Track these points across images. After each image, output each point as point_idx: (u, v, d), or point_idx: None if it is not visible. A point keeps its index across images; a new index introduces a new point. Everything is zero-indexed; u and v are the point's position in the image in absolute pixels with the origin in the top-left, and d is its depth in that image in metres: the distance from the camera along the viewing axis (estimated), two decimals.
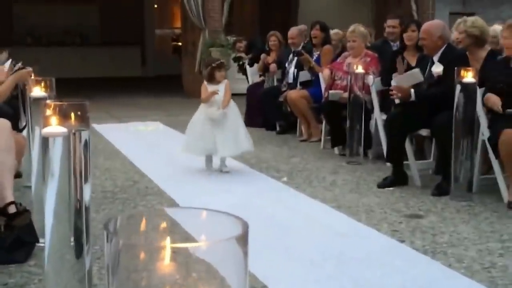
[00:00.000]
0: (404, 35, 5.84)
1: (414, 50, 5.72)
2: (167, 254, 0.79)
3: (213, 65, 5.35)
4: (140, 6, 18.02)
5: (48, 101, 2.51)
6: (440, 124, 4.71)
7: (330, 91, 6.31)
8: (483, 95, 4.62)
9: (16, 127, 4.44)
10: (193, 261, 0.78)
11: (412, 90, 4.91)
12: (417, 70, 5.00)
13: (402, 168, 5.05)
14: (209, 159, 5.40)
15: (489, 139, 4.52)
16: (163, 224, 0.89)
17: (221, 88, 5.31)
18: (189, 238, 0.85)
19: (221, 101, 5.26)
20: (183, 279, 0.79)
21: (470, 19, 5.26)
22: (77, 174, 2.41)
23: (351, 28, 6.45)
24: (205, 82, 5.39)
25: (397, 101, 5.09)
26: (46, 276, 2.54)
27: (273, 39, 8.43)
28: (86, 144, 2.43)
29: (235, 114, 5.36)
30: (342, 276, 3.15)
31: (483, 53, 5.03)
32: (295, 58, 7.57)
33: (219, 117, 5.22)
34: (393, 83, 5.25)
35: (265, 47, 8.69)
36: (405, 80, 5.01)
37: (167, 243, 0.84)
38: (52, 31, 17.06)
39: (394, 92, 4.98)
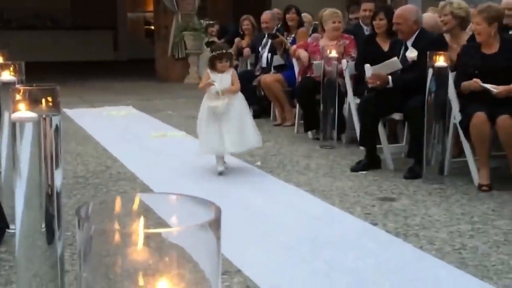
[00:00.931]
0: (374, 23, 5.86)
1: (385, 36, 5.74)
2: (139, 239, 0.78)
3: (214, 54, 4.82)
4: None
5: (17, 86, 2.47)
6: (413, 108, 4.76)
7: (315, 62, 6.26)
8: (455, 79, 4.67)
9: None
10: (166, 246, 0.78)
11: (390, 77, 4.94)
12: (395, 58, 5.00)
13: (375, 152, 5.10)
14: (220, 159, 4.86)
15: (460, 122, 4.58)
16: (136, 209, 0.88)
17: (226, 78, 4.79)
18: (161, 223, 0.85)
19: (222, 92, 4.74)
20: (156, 264, 0.79)
21: (456, 1, 5.27)
22: (47, 159, 2.38)
23: (332, 10, 6.45)
24: (208, 70, 4.90)
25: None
26: (17, 262, 2.51)
27: (246, 23, 8.41)
28: (57, 129, 2.39)
29: (241, 106, 4.87)
30: (316, 259, 3.17)
31: (465, 36, 5.06)
32: (269, 42, 7.56)
33: (221, 108, 4.70)
34: (368, 70, 5.24)
35: (239, 32, 8.66)
36: (384, 69, 5.02)
37: (140, 228, 0.83)
38: (22, 14, 16.76)
39: (372, 80, 4.99)
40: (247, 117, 4.93)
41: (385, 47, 5.58)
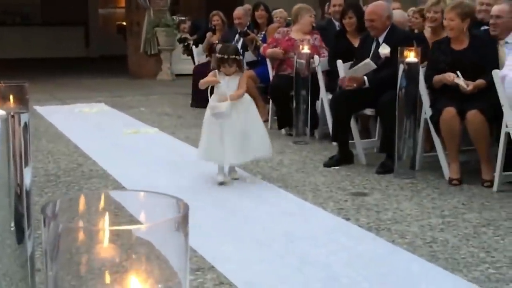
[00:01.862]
0: (343, 22, 5.92)
1: (355, 32, 5.81)
2: (107, 236, 0.78)
3: (217, 56, 4.54)
4: None
5: None
6: (384, 103, 4.80)
7: (298, 60, 6.12)
8: (425, 74, 4.71)
9: None
10: (134, 243, 0.78)
11: (365, 78, 4.95)
12: (368, 60, 4.98)
13: (348, 147, 5.13)
14: (221, 168, 4.51)
15: (431, 117, 4.63)
16: (103, 206, 0.88)
17: (233, 82, 4.47)
18: (130, 220, 0.84)
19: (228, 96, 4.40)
20: (124, 261, 0.78)
21: None
22: (16, 157, 2.35)
23: (306, 6, 6.51)
24: (216, 70, 4.55)
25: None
26: None
27: (216, 18, 8.40)
28: (25, 127, 2.36)
29: (247, 112, 4.48)
30: (289, 254, 3.18)
31: (445, 33, 5.11)
32: (241, 39, 7.56)
33: (224, 110, 4.34)
34: (341, 68, 5.27)
35: (210, 28, 8.64)
36: (359, 71, 5.01)
37: (107, 225, 0.83)
38: None
39: (349, 83, 4.99)
40: (255, 124, 4.52)
41: (355, 42, 5.65)
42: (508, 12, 4.65)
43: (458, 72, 4.45)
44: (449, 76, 4.48)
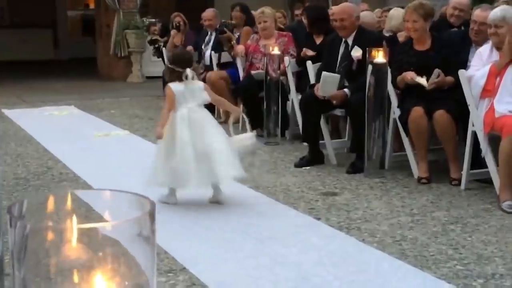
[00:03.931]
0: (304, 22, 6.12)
1: (316, 32, 6.01)
2: (74, 235, 0.78)
3: (173, 67, 4.03)
4: None
5: None
6: (354, 103, 4.85)
7: (253, 72, 6.32)
8: (391, 76, 4.75)
9: None
10: (101, 242, 0.78)
11: (346, 90, 4.91)
12: (326, 74, 4.90)
13: (318, 148, 5.17)
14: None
15: (399, 117, 4.69)
16: (70, 206, 0.88)
17: (198, 89, 4.03)
18: (96, 219, 0.85)
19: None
20: (91, 260, 0.79)
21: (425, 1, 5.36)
22: None
23: (260, 10, 6.50)
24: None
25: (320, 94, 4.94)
26: None
27: (177, 19, 8.38)
28: None
29: (207, 130, 3.96)
30: (260, 254, 3.20)
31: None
32: (212, 40, 7.56)
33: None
34: (312, 74, 5.31)
35: (173, 27, 8.56)
36: (328, 88, 4.88)
37: (74, 224, 0.83)
38: None
39: (335, 103, 4.95)
40: (215, 142, 3.94)
41: (318, 40, 5.86)
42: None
43: (424, 78, 4.50)
44: (408, 75, 4.54)
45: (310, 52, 5.73)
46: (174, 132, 3.88)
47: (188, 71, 3.93)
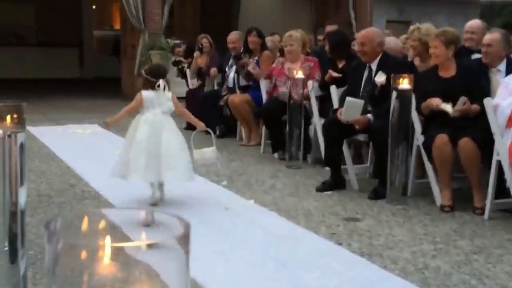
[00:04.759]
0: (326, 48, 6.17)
1: (337, 57, 6.11)
2: (107, 253, 0.79)
3: (149, 78, 4.51)
4: (78, 7, 17.68)
5: None
6: (377, 129, 4.83)
7: (280, 90, 6.33)
8: (416, 103, 4.74)
9: None
10: (134, 261, 0.79)
11: (369, 115, 4.90)
12: (350, 99, 4.91)
13: (340, 172, 5.15)
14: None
15: (423, 144, 4.67)
16: (103, 225, 0.89)
17: (165, 97, 4.50)
18: (130, 238, 0.86)
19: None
20: (124, 278, 0.79)
21: (424, 27, 5.40)
22: (12, 177, 2.35)
23: (288, 33, 6.54)
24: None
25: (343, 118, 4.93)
26: None
27: (204, 41, 8.39)
28: (22, 147, 2.37)
29: (166, 135, 4.46)
30: (281, 277, 3.19)
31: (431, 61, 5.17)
32: (235, 63, 7.62)
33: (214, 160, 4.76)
34: (336, 98, 5.32)
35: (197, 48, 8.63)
36: (351, 113, 4.87)
37: (108, 242, 0.84)
38: None
39: (358, 128, 4.94)
40: (170, 147, 4.46)
41: (340, 64, 5.99)
42: (499, 40, 4.73)
43: (449, 105, 4.49)
44: (434, 101, 4.53)
45: (335, 74, 5.75)
46: (136, 131, 4.45)
47: (161, 81, 4.43)
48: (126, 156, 4.42)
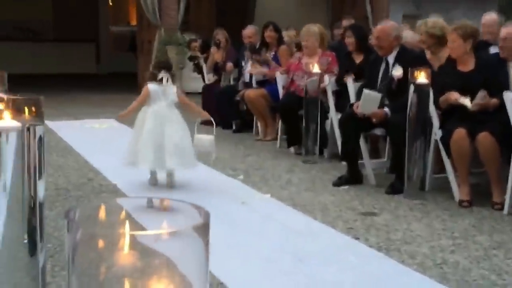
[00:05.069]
0: (345, 41, 6.09)
1: (359, 51, 6.03)
2: (126, 243, 0.78)
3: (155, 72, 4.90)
4: (95, 2, 17.76)
5: (1, 95, 2.46)
6: (394, 124, 4.80)
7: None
8: (434, 97, 4.70)
9: None
10: (153, 251, 0.78)
11: (386, 109, 4.87)
12: (368, 91, 4.89)
13: (357, 167, 5.13)
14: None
15: (441, 138, 4.63)
16: (121, 214, 0.89)
17: (169, 90, 4.81)
18: (149, 227, 0.85)
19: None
20: (142, 268, 0.79)
21: (431, 20, 5.36)
22: (31, 170, 2.36)
23: (305, 27, 6.52)
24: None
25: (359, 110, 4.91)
26: None
27: (219, 36, 8.38)
28: (40, 140, 2.38)
29: (172, 126, 4.74)
30: (297, 272, 3.18)
31: (445, 53, 5.12)
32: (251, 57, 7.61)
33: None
34: (352, 92, 5.30)
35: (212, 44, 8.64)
36: (368, 106, 4.85)
37: (126, 231, 0.83)
38: (2, 26, 16.64)
39: (375, 121, 4.91)
40: (174, 136, 4.73)
41: (358, 60, 5.92)
42: None
43: (468, 99, 4.45)
44: (452, 95, 4.50)
45: (350, 80, 5.61)
46: (144, 122, 4.69)
47: (163, 73, 4.76)
48: (135, 146, 4.66)
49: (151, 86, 4.77)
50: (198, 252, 0.82)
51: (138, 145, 4.64)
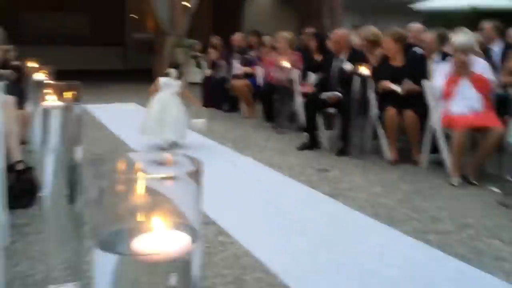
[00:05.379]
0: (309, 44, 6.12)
1: (319, 52, 5.95)
2: (138, 185, 0.77)
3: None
4: (122, 15, 17.49)
5: (48, 81, 2.42)
6: (344, 104, 4.81)
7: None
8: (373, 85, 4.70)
9: (23, 104, 4.26)
10: (157, 192, 0.77)
11: (339, 94, 4.87)
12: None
13: (316, 136, 5.14)
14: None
15: (377, 115, 4.65)
16: (136, 166, 0.88)
17: (172, 82, 4.96)
18: (156, 173, 0.84)
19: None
20: (150, 204, 0.79)
21: (367, 28, 5.34)
22: (71, 138, 2.35)
23: (278, 34, 6.49)
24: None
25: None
26: (46, 218, 2.47)
27: (215, 41, 8.42)
28: (78, 116, 2.36)
29: (173, 107, 4.87)
30: (271, 213, 3.20)
31: (378, 53, 5.10)
32: (240, 57, 7.57)
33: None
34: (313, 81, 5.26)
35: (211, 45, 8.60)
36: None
37: (139, 176, 0.82)
38: (51, 32, 16.34)
39: (331, 102, 4.92)
40: (173, 114, 4.85)
41: (318, 58, 5.80)
42: (434, 39, 4.67)
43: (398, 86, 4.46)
44: (386, 84, 4.52)
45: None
46: (153, 104, 4.85)
47: (172, 70, 4.99)
48: (145, 121, 4.85)
49: (162, 79, 4.93)
50: (193, 194, 0.81)
51: (147, 120, 4.81)
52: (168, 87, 4.87)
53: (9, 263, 2.42)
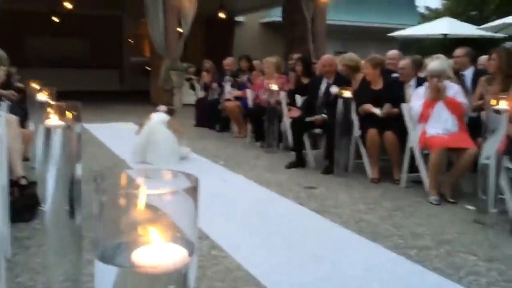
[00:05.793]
0: (296, 68, 6.17)
1: (305, 75, 6.01)
2: (140, 201, 0.77)
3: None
4: (120, 40, 17.53)
5: (50, 102, 2.41)
6: (329, 125, 4.84)
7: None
8: (356, 106, 4.75)
9: (25, 123, 4.22)
10: (156, 207, 0.77)
11: (324, 115, 4.90)
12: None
13: (302, 155, 5.16)
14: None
15: (360, 135, 4.68)
16: (135, 182, 0.88)
17: (161, 115, 5.34)
18: (155, 189, 0.84)
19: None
20: (150, 219, 0.78)
21: (347, 55, 5.40)
22: (72, 156, 2.33)
23: (265, 59, 6.56)
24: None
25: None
26: (47, 230, 2.43)
27: (207, 65, 8.49)
28: (78, 135, 2.35)
29: (160, 135, 5.14)
30: (261, 228, 3.18)
31: (359, 77, 5.17)
32: (230, 80, 7.61)
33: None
34: (299, 103, 5.29)
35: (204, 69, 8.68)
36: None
37: (140, 192, 0.82)
38: (53, 56, 16.33)
39: (316, 124, 4.97)
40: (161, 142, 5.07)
41: (305, 81, 5.86)
42: (409, 65, 4.74)
43: (378, 109, 4.51)
44: (367, 106, 4.57)
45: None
46: (143, 132, 5.14)
47: (161, 107, 5.48)
48: (135, 144, 5.13)
49: (153, 114, 5.32)
50: (190, 209, 0.82)
51: (135, 144, 5.08)
52: (157, 118, 5.17)
53: (11, 275, 2.38)
